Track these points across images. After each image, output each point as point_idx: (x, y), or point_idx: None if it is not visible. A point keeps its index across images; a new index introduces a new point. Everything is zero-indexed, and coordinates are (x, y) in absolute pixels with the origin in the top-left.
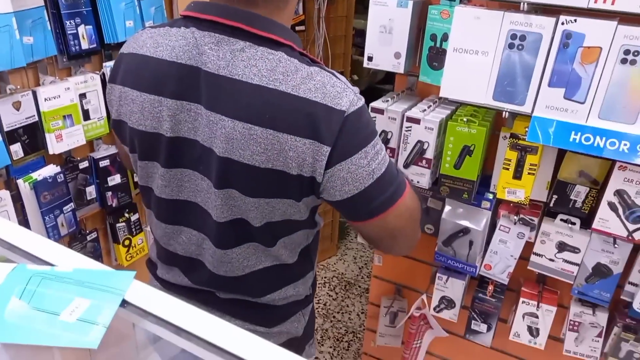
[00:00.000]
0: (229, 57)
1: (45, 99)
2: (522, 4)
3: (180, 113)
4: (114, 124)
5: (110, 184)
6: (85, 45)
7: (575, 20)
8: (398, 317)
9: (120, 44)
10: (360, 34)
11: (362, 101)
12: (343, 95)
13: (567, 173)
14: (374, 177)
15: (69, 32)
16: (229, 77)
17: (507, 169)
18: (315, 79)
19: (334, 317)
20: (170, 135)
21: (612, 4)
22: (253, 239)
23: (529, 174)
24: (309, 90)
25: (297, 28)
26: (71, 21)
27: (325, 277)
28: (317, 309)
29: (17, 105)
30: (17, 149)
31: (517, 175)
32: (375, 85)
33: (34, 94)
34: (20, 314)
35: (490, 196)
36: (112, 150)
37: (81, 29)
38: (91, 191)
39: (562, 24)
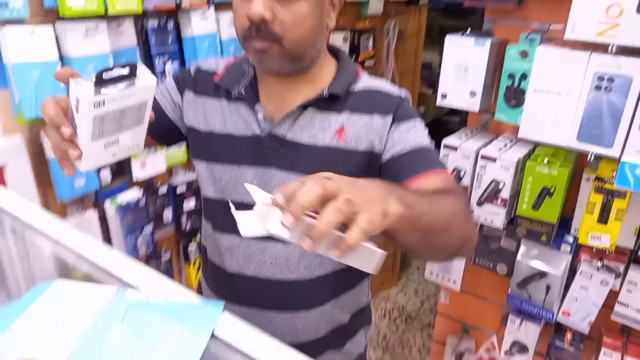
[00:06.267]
0: None
1: None
2: (610, 46)
3: None
4: None
5: (185, 209)
6: None
7: None
8: (464, 358)
9: None
10: (427, 67)
11: None
12: None
13: None
14: None
15: (157, 69)
16: None
17: (592, 212)
18: None
19: (394, 350)
20: None
21: None
22: None
23: (615, 219)
24: None
25: (366, 63)
26: (159, 59)
27: (385, 308)
28: (376, 340)
29: None
30: (106, 174)
31: (603, 219)
32: (442, 117)
33: None
34: (117, 344)
35: (571, 239)
36: (189, 177)
37: (168, 66)
38: (168, 215)
39: None
